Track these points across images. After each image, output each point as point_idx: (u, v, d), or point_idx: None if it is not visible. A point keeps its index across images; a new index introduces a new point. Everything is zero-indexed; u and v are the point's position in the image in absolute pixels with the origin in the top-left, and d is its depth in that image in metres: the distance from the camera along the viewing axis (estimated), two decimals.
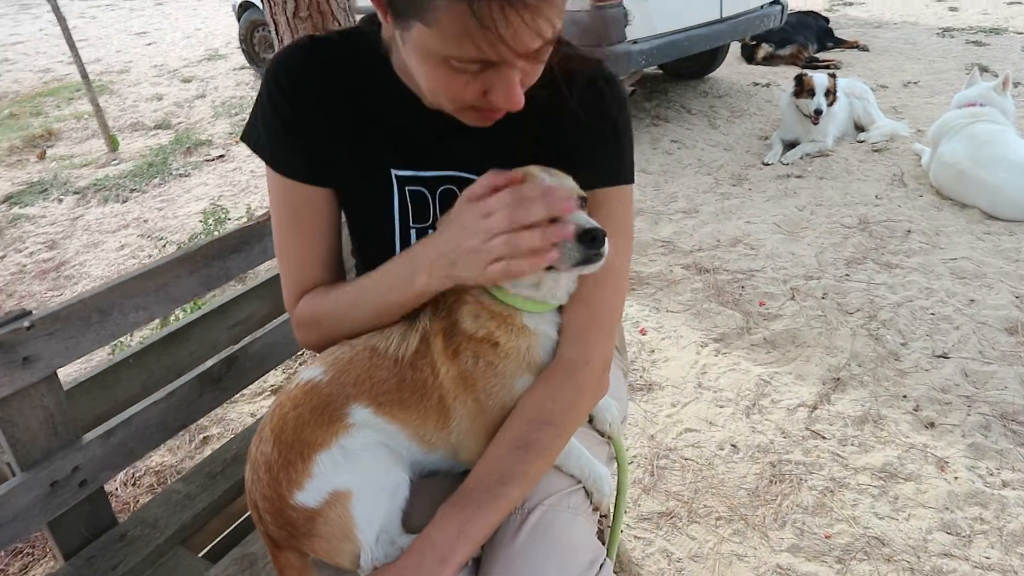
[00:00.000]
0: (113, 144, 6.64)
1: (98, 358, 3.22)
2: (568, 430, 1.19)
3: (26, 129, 7.34)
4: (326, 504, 1.15)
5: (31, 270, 4.47)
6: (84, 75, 6.35)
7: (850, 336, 3.16)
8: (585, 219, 1.07)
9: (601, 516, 1.34)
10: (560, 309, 1.24)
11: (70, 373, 2.94)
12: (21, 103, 8.44)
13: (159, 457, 2.75)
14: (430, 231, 1.29)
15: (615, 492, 1.49)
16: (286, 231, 1.29)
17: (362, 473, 1.16)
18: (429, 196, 1.29)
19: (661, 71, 7.20)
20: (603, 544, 1.25)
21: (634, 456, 2.61)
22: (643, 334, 3.33)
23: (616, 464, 1.46)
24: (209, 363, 1.68)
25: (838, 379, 2.91)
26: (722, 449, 2.61)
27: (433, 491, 1.23)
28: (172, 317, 3.27)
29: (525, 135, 1.25)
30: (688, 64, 6.74)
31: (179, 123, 7.33)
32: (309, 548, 1.20)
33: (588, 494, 1.27)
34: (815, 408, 2.77)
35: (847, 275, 3.64)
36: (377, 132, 1.26)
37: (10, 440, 1.34)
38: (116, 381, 1.65)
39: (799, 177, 4.85)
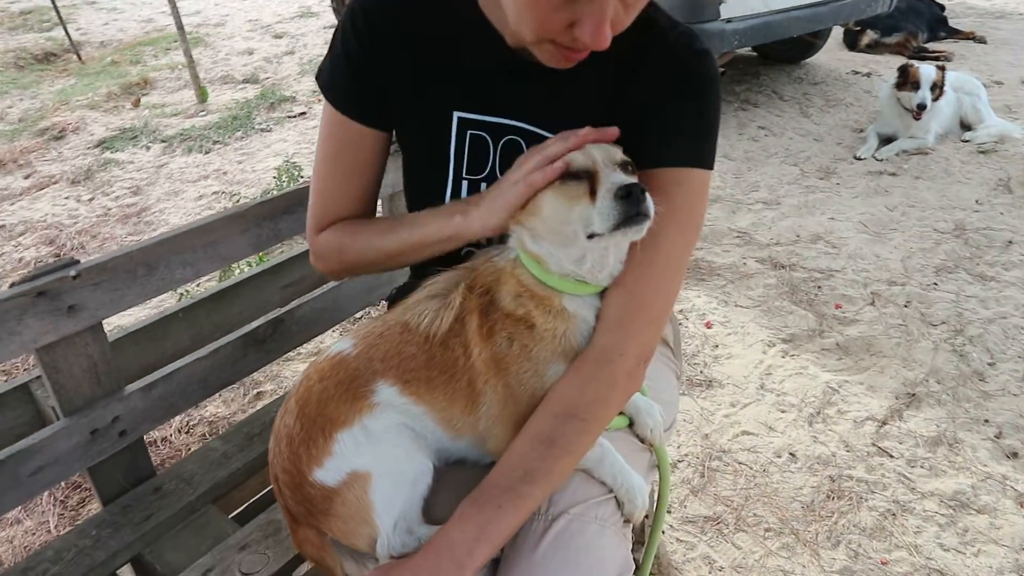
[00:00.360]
0: (203, 95, 6.82)
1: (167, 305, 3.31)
2: (596, 425, 1.11)
3: (124, 77, 7.61)
4: (345, 485, 1.12)
5: (115, 214, 4.64)
6: (180, 27, 6.52)
7: (932, 350, 2.95)
8: (624, 176, 0.99)
9: (635, 538, 1.26)
10: (602, 294, 1.16)
11: (124, 324, 3.04)
12: (123, 51, 8.76)
13: (214, 408, 2.81)
14: (483, 185, 1.23)
15: (655, 505, 1.41)
16: (327, 163, 1.29)
17: (383, 456, 1.12)
18: (491, 144, 1.23)
19: (755, 53, 6.87)
20: (636, 561, 1.18)
21: (685, 454, 2.51)
22: (708, 327, 3.20)
23: (658, 475, 1.38)
24: (255, 324, 1.68)
25: (913, 395, 2.72)
26: (779, 457, 2.48)
27: (458, 482, 1.18)
28: (235, 272, 3.33)
29: (601, 97, 1.18)
30: (785, 48, 6.40)
31: (266, 78, 7.47)
32: (326, 527, 1.17)
33: (620, 505, 1.18)
34: (884, 423, 2.59)
35: (935, 284, 3.39)
36: (448, 73, 1.21)
37: (54, 385, 1.36)
38: (165, 334, 1.67)
39: (893, 175, 4.55)
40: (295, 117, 6.29)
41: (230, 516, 1.55)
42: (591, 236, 1.01)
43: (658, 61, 1.16)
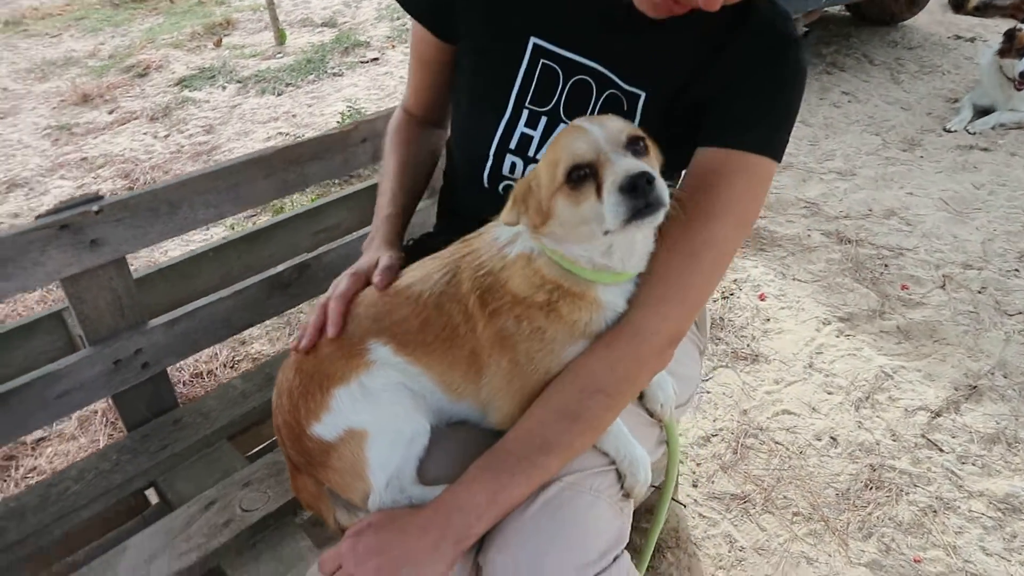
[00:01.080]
0: (281, 38, 6.90)
1: None
2: (622, 402, 1.09)
3: (209, 17, 7.77)
4: (341, 440, 1.12)
5: (187, 151, 4.78)
6: None
7: (1002, 341, 2.75)
8: (630, 164, 0.92)
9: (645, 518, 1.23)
10: (640, 279, 1.11)
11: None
12: None
13: (259, 346, 2.90)
14: (543, 119, 1.21)
15: (666, 479, 1.37)
16: (411, 56, 1.40)
17: (380, 414, 1.12)
18: (561, 78, 1.21)
19: (847, 12, 6.44)
20: (633, 536, 1.15)
21: (720, 429, 2.44)
22: (762, 299, 3.07)
23: (666, 451, 1.34)
24: (281, 267, 1.69)
25: (975, 387, 2.55)
26: (819, 440, 2.38)
27: (455, 444, 1.16)
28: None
29: (688, 63, 1.15)
30: (881, 7, 5.96)
31: (344, 22, 7.49)
32: (324, 478, 1.18)
33: (621, 477, 1.15)
34: (938, 415, 2.45)
35: (1016, 271, 3.15)
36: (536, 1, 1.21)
37: (79, 316, 1.41)
38: (195, 272, 1.71)
39: (985, 150, 4.22)
40: (367, 63, 6.29)
41: (245, 455, 1.59)
42: (607, 232, 0.95)
43: (749, 42, 1.12)
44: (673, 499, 2.15)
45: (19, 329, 1.50)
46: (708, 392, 2.60)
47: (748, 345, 2.82)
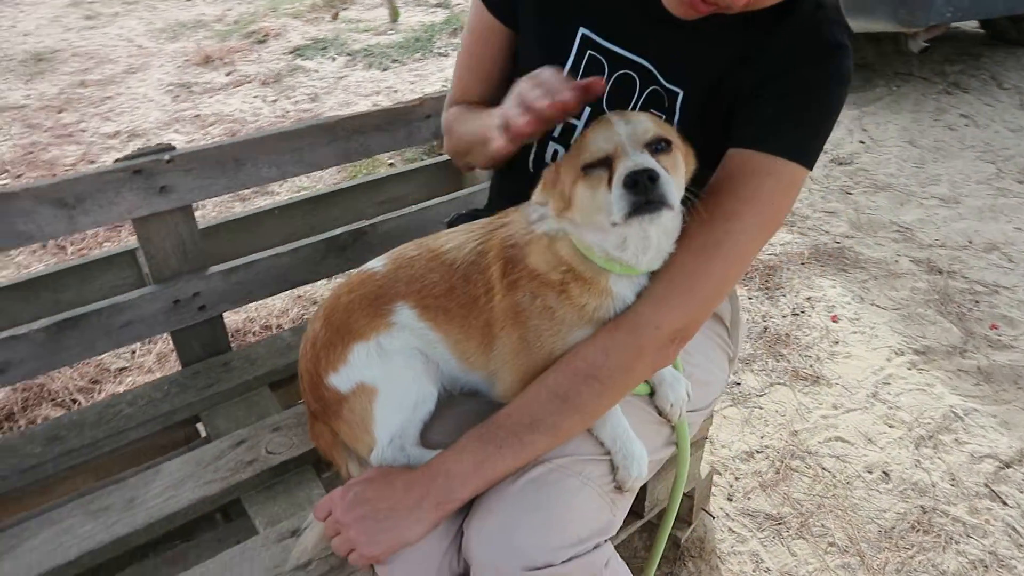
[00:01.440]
0: (394, 15, 7.11)
1: None
2: (615, 391, 1.09)
3: None
4: (353, 393, 1.18)
5: (291, 116, 5.02)
6: None
7: None
8: (640, 160, 0.93)
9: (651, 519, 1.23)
10: (653, 275, 1.11)
11: None
12: None
13: None
14: (587, 109, 1.23)
15: (675, 483, 1.36)
16: (466, 47, 1.39)
17: (392, 375, 1.17)
18: (607, 71, 1.22)
19: (981, 30, 6.01)
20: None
21: (765, 446, 2.37)
22: (834, 321, 2.95)
23: (674, 453, 1.33)
24: (338, 231, 1.77)
25: None
26: (870, 472, 2.28)
27: (462, 413, 1.20)
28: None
29: (727, 60, 1.14)
30: (1020, 28, 5.54)
31: (457, 4, 7.63)
32: (336, 428, 1.25)
33: (615, 470, 1.16)
34: (1008, 466, 2.29)
35: None
36: None
37: (147, 255, 1.53)
38: (259, 228, 1.81)
39: None
40: None
41: (284, 405, 1.68)
42: (614, 224, 0.96)
43: (788, 42, 1.09)
44: (703, 509, 2.11)
45: (98, 262, 1.63)
46: (760, 408, 2.53)
47: (811, 366, 2.72)
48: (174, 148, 1.46)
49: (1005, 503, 2.18)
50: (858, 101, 4.87)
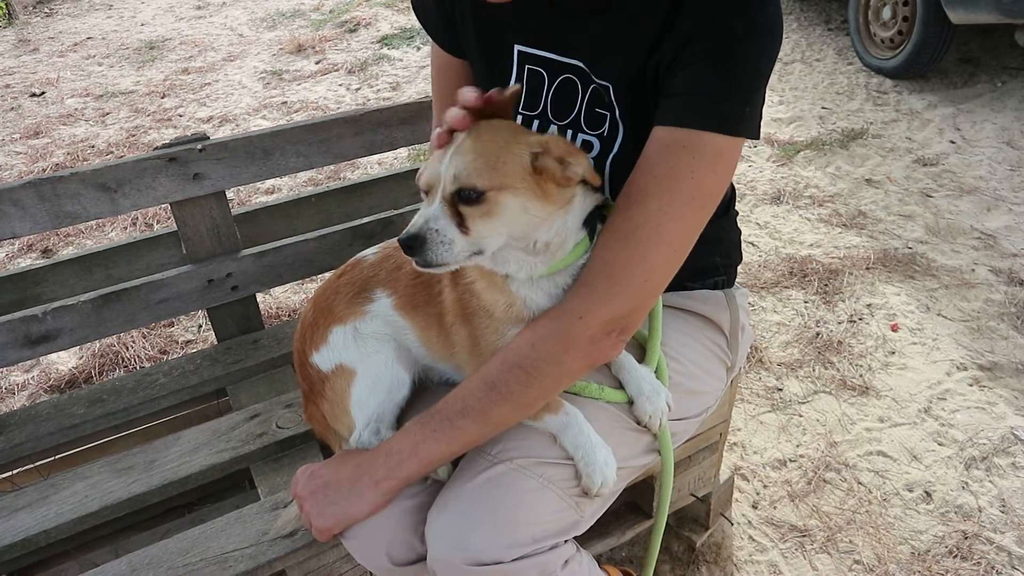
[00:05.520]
0: None
1: None
2: (540, 380, 1.08)
3: None
4: (333, 373, 1.25)
5: (371, 105, 5.17)
6: None
7: None
8: (419, 222, 0.97)
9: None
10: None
11: None
12: None
13: None
14: (535, 122, 1.25)
15: (661, 492, 1.36)
16: (433, 81, 1.44)
17: (366, 360, 1.24)
18: (546, 80, 1.23)
19: None
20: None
21: (800, 455, 2.30)
22: (894, 330, 2.81)
23: (656, 460, 1.32)
24: (366, 219, 1.85)
25: None
26: (910, 491, 2.18)
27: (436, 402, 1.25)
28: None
29: (643, 43, 1.08)
30: None
31: None
32: (322, 408, 1.32)
33: (579, 476, 1.16)
34: None
35: None
36: (508, 8, 1.19)
37: (183, 237, 1.66)
38: (296, 213, 1.91)
39: None
40: None
41: None
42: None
43: (695, 9, 1.02)
44: (722, 514, 2.08)
45: (145, 241, 1.78)
46: (800, 416, 2.46)
47: (861, 376, 2.61)
48: (208, 138, 1.57)
49: None
50: (954, 98, 4.57)
